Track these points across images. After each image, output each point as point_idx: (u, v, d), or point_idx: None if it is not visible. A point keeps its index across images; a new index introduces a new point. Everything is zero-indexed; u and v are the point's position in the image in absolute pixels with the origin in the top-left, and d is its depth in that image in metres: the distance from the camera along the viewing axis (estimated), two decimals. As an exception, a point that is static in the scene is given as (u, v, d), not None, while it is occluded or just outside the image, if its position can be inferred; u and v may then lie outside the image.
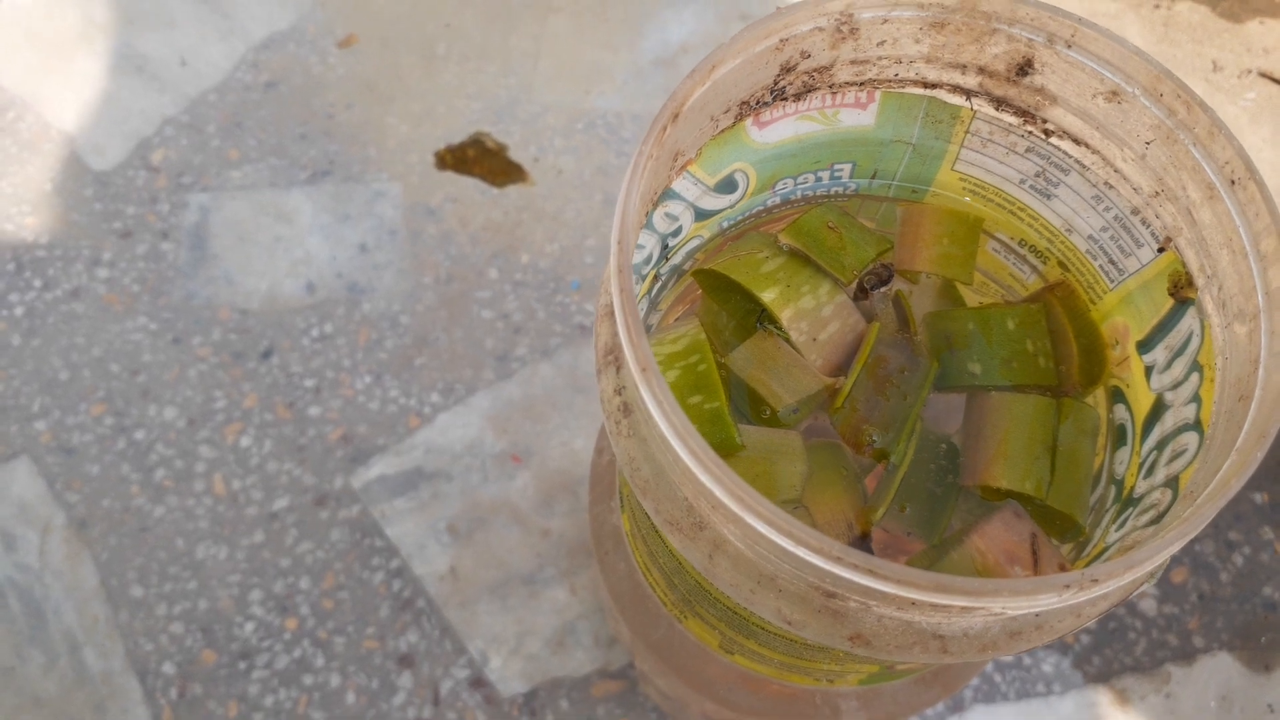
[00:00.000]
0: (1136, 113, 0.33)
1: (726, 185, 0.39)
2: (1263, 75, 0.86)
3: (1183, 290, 0.35)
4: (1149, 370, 0.37)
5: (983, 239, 0.42)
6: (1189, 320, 0.35)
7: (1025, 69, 0.34)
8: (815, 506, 0.38)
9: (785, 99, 0.35)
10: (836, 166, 0.40)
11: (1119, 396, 0.39)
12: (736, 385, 0.39)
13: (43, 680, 0.65)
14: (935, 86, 0.37)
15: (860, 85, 0.36)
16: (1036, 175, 0.39)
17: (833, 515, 0.38)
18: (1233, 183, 0.30)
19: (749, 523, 0.26)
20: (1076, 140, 0.36)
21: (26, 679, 0.65)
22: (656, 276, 0.40)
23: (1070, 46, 0.33)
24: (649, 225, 0.37)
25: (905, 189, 0.41)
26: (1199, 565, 0.71)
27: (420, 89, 0.83)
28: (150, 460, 0.71)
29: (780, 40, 0.32)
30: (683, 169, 0.36)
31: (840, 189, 0.42)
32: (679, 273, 0.42)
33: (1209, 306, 0.33)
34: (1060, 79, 0.34)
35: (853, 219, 0.41)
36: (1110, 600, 0.29)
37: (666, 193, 0.37)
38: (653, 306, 0.41)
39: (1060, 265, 0.40)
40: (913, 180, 0.41)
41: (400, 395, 0.73)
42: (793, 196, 0.42)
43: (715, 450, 0.37)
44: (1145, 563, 0.26)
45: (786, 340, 0.39)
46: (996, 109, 0.37)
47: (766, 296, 0.39)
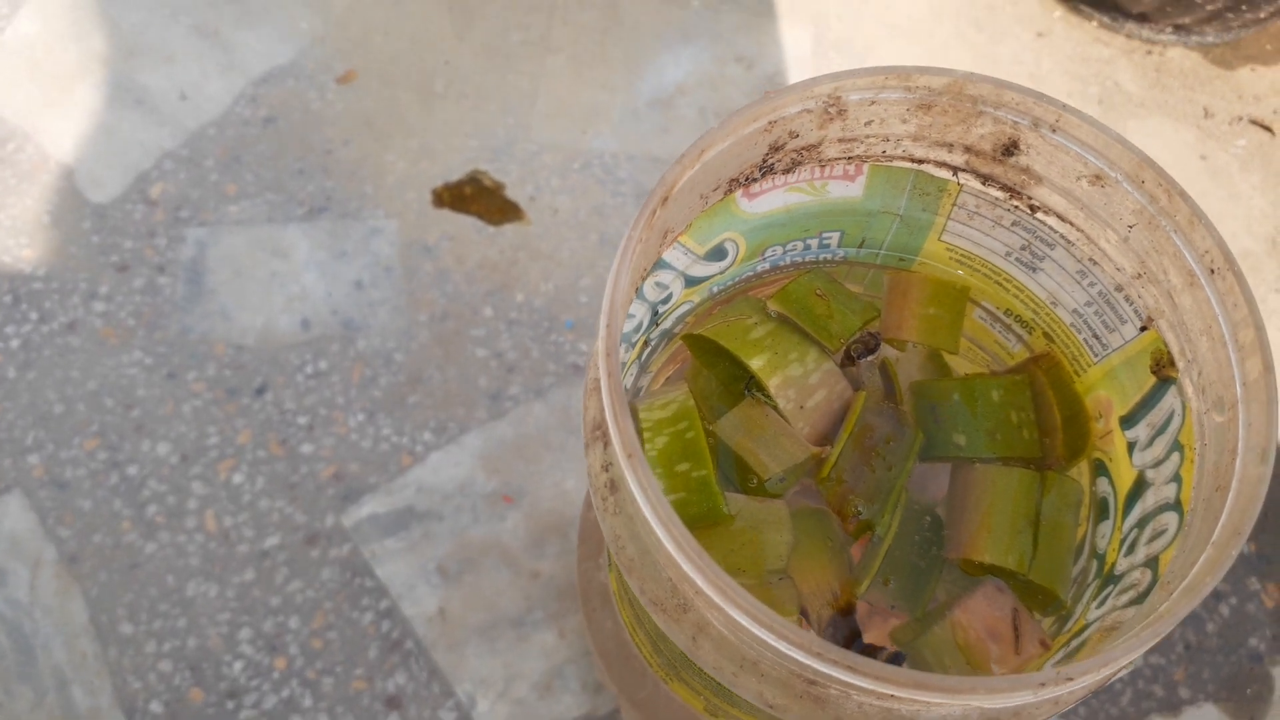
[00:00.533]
0: (1119, 197, 0.33)
1: (716, 254, 0.39)
2: (1253, 122, 0.86)
3: (1165, 369, 0.36)
4: (1131, 446, 0.37)
5: (969, 307, 0.42)
6: (1171, 399, 0.36)
7: (1011, 150, 0.34)
8: (800, 576, 0.38)
9: (774, 173, 0.36)
10: (825, 235, 0.41)
11: (1102, 469, 0.39)
12: (724, 452, 0.40)
13: (30, 716, 0.65)
14: (923, 162, 0.37)
15: (849, 160, 0.37)
16: (1022, 248, 0.39)
17: (818, 585, 0.38)
18: (1212, 272, 0.31)
19: (732, 615, 0.26)
20: (1061, 217, 0.37)
21: (14, 715, 0.65)
22: (646, 342, 0.40)
23: (1055, 131, 0.33)
24: (639, 295, 0.37)
25: (893, 257, 0.42)
26: (1186, 615, 0.71)
27: (418, 126, 0.84)
28: (142, 496, 0.71)
29: (769, 122, 0.32)
30: (674, 240, 0.37)
31: (829, 256, 0.42)
32: (669, 336, 0.42)
33: (1189, 390, 0.34)
34: (1045, 161, 0.34)
35: (841, 285, 0.42)
36: (1087, 690, 0.29)
37: (657, 263, 0.37)
38: (643, 370, 0.42)
39: (1046, 336, 0.41)
40: (900, 249, 0.41)
41: (393, 433, 0.73)
42: (782, 263, 0.42)
43: (703, 518, 0.38)
44: (1119, 660, 0.26)
45: (774, 407, 0.40)
46: (983, 184, 0.37)
47: (755, 363, 0.39)
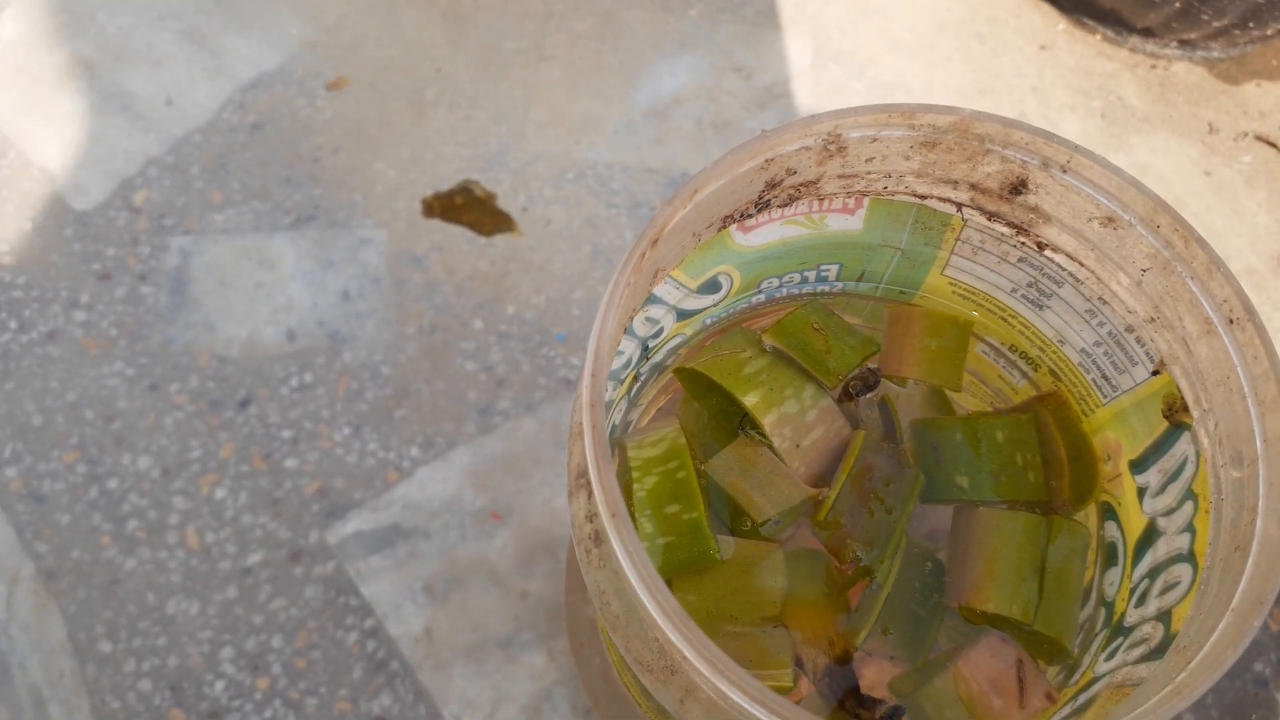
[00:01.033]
0: (1133, 240, 0.32)
1: (709, 287, 0.38)
2: (1259, 138, 0.85)
3: (1178, 415, 0.34)
4: (1142, 492, 0.36)
5: (973, 342, 0.41)
6: (1184, 445, 0.34)
7: (1019, 189, 0.33)
8: (796, 624, 0.37)
9: (770, 208, 0.34)
10: (823, 267, 0.39)
11: (1110, 513, 0.38)
12: (716, 493, 0.38)
13: (5, 739, 0.63)
14: (926, 197, 0.36)
15: (849, 194, 0.35)
16: (1029, 285, 0.38)
17: (814, 634, 0.36)
18: (1231, 321, 0.29)
19: (721, 688, 0.25)
20: (1071, 256, 0.35)
21: (-12, 738, 0.63)
22: (636, 377, 0.39)
23: (1066, 171, 0.32)
24: (629, 331, 0.36)
25: (893, 291, 0.40)
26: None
27: (409, 134, 0.82)
28: (123, 510, 0.69)
29: (765, 160, 0.31)
30: (664, 277, 0.35)
31: (827, 288, 0.41)
32: (660, 369, 0.41)
33: (1204, 439, 0.32)
34: (1055, 201, 0.33)
35: (839, 319, 0.40)
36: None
37: (648, 298, 0.36)
38: (633, 404, 0.40)
39: (1052, 374, 0.39)
40: (901, 283, 0.40)
41: (379, 448, 0.72)
42: (778, 295, 0.41)
43: (693, 562, 0.36)
44: (1133, 736, 0.25)
45: (769, 446, 0.38)
46: (989, 220, 0.36)
47: (749, 400, 0.38)
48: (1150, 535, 0.35)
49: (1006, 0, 0.91)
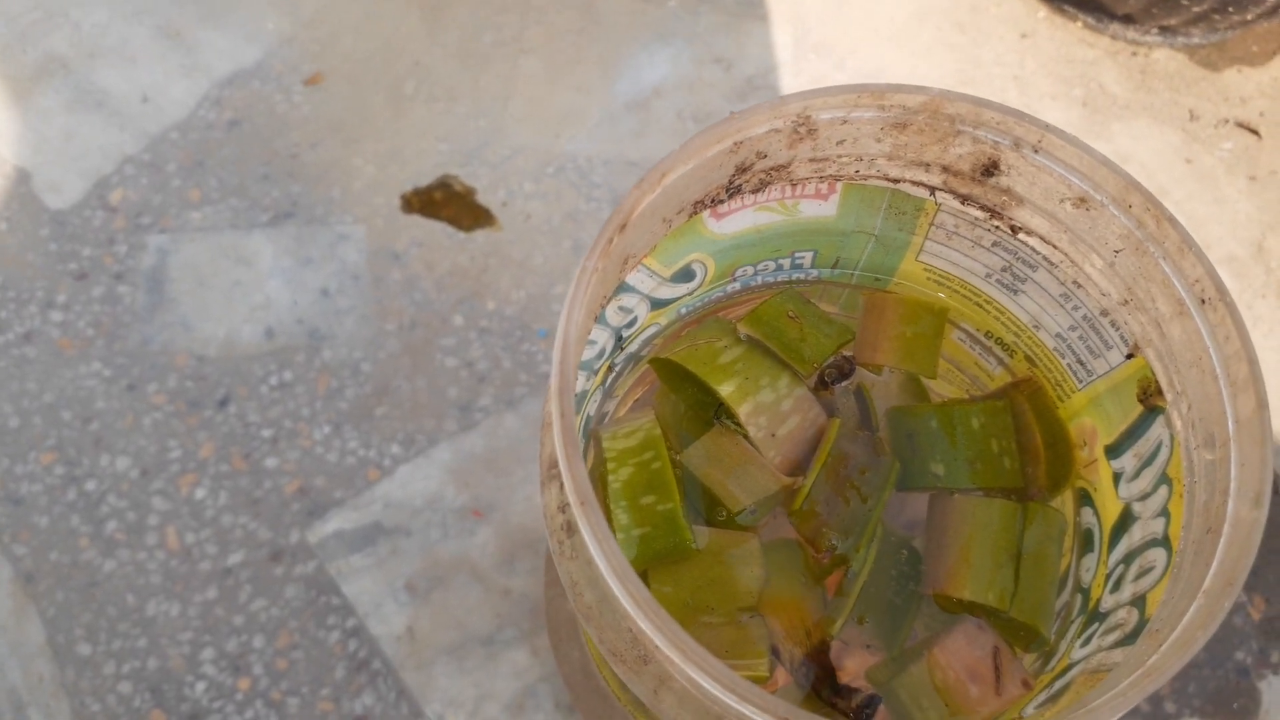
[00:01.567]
0: (1105, 221, 0.32)
1: (683, 275, 0.38)
2: (1240, 125, 0.85)
3: (1152, 398, 0.34)
4: (1117, 477, 0.36)
5: (948, 328, 0.40)
6: (1159, 429, 0.34)
7: (991, 170, 0.33)
8: (772, 613, 0.36)
9: (742, 193, 0.34)
10: (798, 254, 0.39)
11: (1086, 499, 0.37)
12: (692, 483, 0.38)
13: (-16, 743, 0.63)
14: (898, 181, 0.35)
15: (821, 179, 0.35)
16: (1003, 270, 0.37)
17: (790, 623, 0.36)
18: (1203, 302, 0.29)
19: (694, 678, 0.25)
20: (1044, 239, 0.35)
21: (-33, 742, 0.63)
22: (610, 367, 0.38)
23: (1037, 151, 0.31)
24: (601, 320, 0.35)
25: (868, 278, 0.40)
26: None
27: (388, 129, 0.81)
28: (101, 512, 0.69)
29: (735, 143, 0.30)
30: (637, 264, 0.35)
31: (802, 276, 0.40)
32: (636, 359, 0.40)
33: (1178, 422, 0.32)
34: (1027, 182, 0.33)
35: (814, 306, 0.40)
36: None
37: (620, 286, 0.35)
38: (608, 395, 0.40)
39: (1028, 360, 0.39)
40: (876, 269, 0.40)
41: (360, 446, 0.71)
42: (753, 283, 0.40)
43: (669, 553, 0.36)
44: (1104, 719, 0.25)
45: (744, 436, 0.38)
46: (962, 204, 0.36)
47: (724, 390, 0.38)
48: (1125, 520, 0.35)
49: (986, -10, 0.91)
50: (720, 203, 0.34)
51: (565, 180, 0.80)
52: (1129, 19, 0.84)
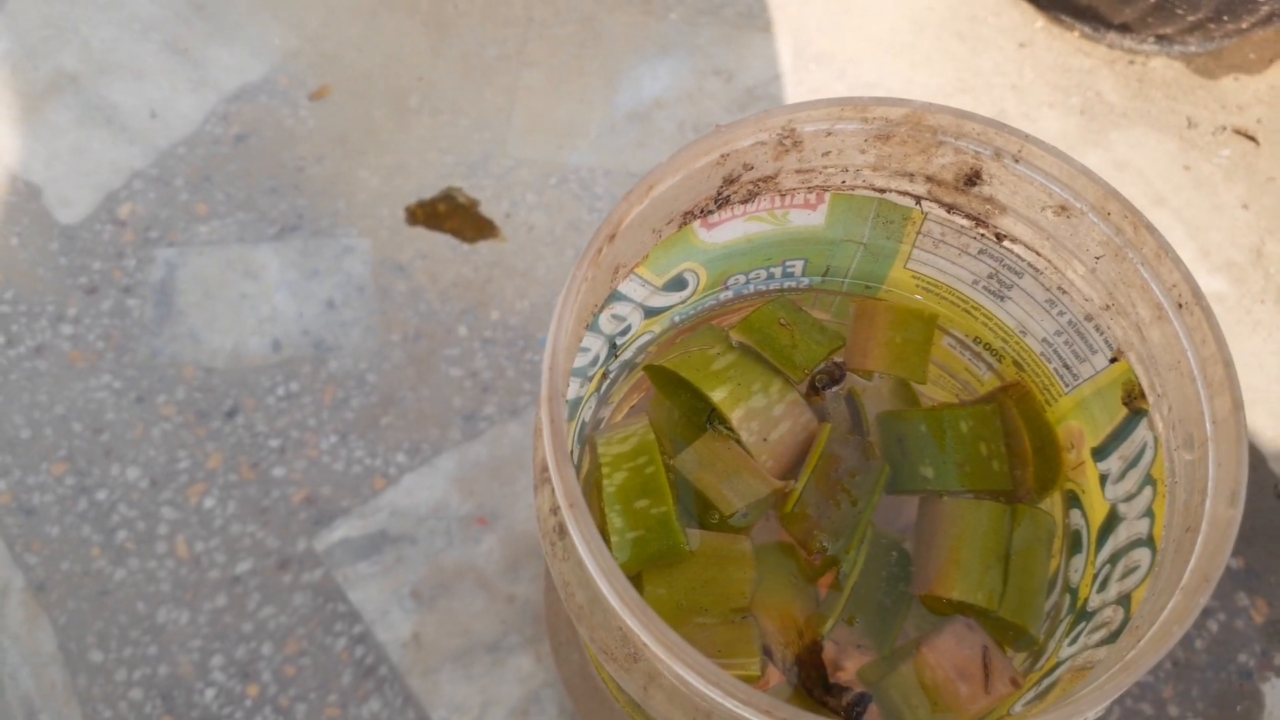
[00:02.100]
0: (1085, 228, 0.32)
1: (675, 284, 0.38)
2: (1237, 132, 0.85)
3: (1136, 401, 0.35)
4: (1104, 479, 0.36)
5: (938, 335, 0.41)
6: (1143, 432, 0.35)
7: (973, 180, 0.33)
8: (765, 614, 0.37)
9: (731, 204, 0.35)
10: (788, 263, 0.40)
11: (1075, 501, 0.38)
12: (685, 487, 0.38)
13: (-4, 750, 0.63)
14: (885, 191, 0.36)
15: (809, 189, 0.36)
16: (990, 277, 0.38)
17: (782, 623, 0.37)
18: (1180, 306, 0.30)
19: (680, 673, 0.25)
20: (1028, 247, 0.36)
21: (-20, 749, 0.63)
22: (605, 374, 0.39)
23: (1018, 161, 0.32)
24: (594, 328, 0.36)
25: (858, 285, 0.41)
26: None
27: (392, 142, 0.82)
28: (112, 521, 0.70)
29: (721, 155, 0.31)
30: (629, 273, 0.36)
31: (793, 284, 0.41)
32: (630, 366, 0.41)
33: (1159, 424, 0.33)
34: (1009, 191, 0.33)
35: (806, 314, 0.41)
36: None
37: (613, 295, 0.36)
38: (603, 402, 0.41)
39: (1016, 365, 0.40)
40: (865, 277, 0.40)
41: (366, 455, 0.72)
42: (745, 291, 0.41)
43: (663, 556, 0.37)
44: (1081, 714, 0.25)
45: (736, 440, 0.39)
46: (948, 212, 0.36)
47: (717, 396, 0.38)
48: (1111, 521, 0.36)
49: None
50: (710, 213, 0.35)
51: (568, 191, 0.81)
52: (1126, 28, 0.85)
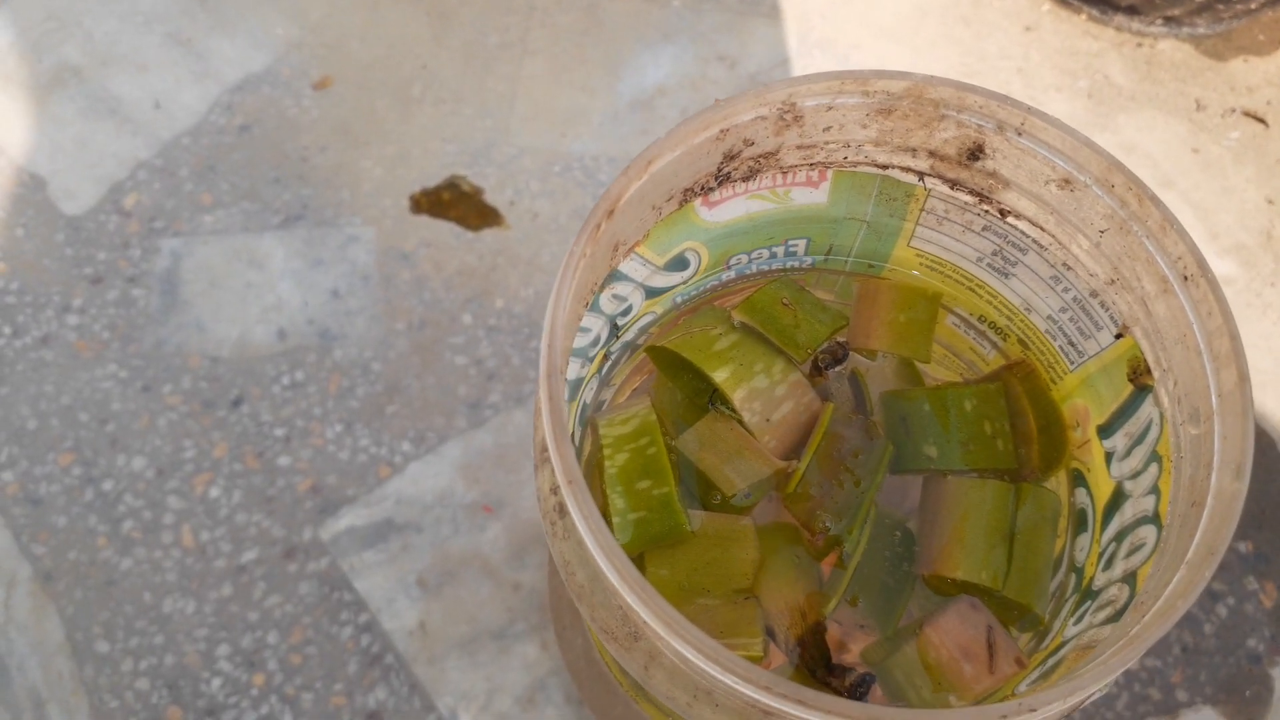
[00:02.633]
0: (1089, 201, 0.32)
1: (677, 264, 0.38)
2: (1246, 114, 0.85)
3: (1141, 377, 0.34)
4: (1109, 456, 0.36)
5: (942, 313, 0.41)
6: (1148, 408, 0.34)
7: (976, 154, 0.33)
8: (767, 595, 0.37)
9: (732, 181, 0.34)
10: (791, 242, 0.39)
11: (1080, 480, 0.38)
12: (687, 468, 0.38)
13: (4, 739, 0.64)
14: (887, 167, 0.36)
15: (811, 166, 0.35)
16: (994, 254, 0.38)
17: (785, 604, 0.37)
18: (1185, 279, 0.30)
19: (679, 650, 0.25)
20: (1032, 222, 0.35)
21: (-12, 738, 0.64)
22: (606, 355, 0.39)
23: (1021, 134, 0.32)
24: (595, 308, 0.36)
25: (861, 264, 0.41)
26: (1182, 617, 0.70)
27: (395, 131, 0.82)
28: (118, 511, 0.70)
29: (721, 130, 0.31)
30: (630, 251, 0.35)
31: (796, 264, 0.41)
32: (632, 347, 0.41)
33: (1165, 399, 0.32)
34: (1012, 165, 0.33)
35: (808, 294, 0.40)
36: (1058, 715, 0.28)
37: (613, 274, 0.36)
38: (604, 383, 0.40)
39: (1021, 343, 0.40)
40: (868, 256, 0.40)
41: (371, 444, 0.72)
42: (748, 271, 0.41)
43: (665, 537, 0.36)
44: (1087, 687, 0.25)
45: (739, 421, 0.38)
46: (951, 189, 0.36)
47: (719, 376, 0.38)
48: (1117, 499, 0.35)
49: (990, -16, 0.91)
50: (710, 190, 0.34)
51: (571, 179, 0.81)
52: (1133, 10, 0.84)
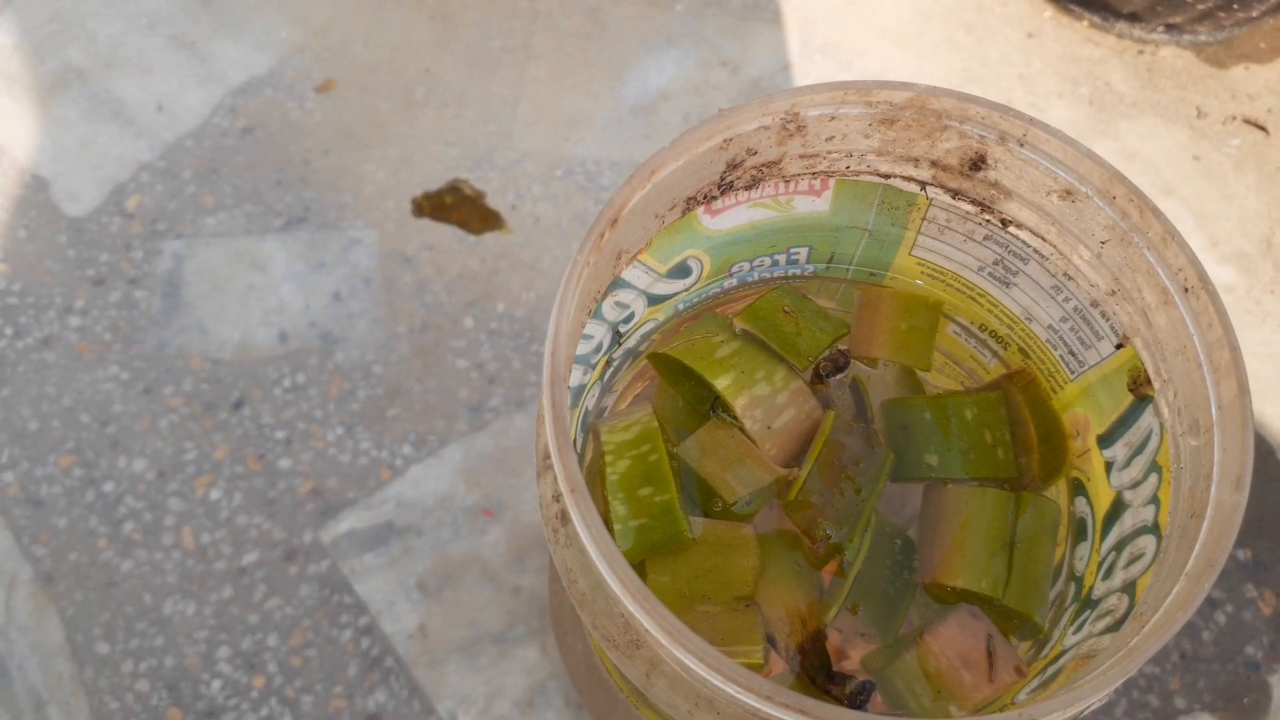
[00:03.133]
0: (1091, 212, 0.32)
1: (679, 271, 0.38)
2: (1247, 121, 0.85)
3: (1142, 387, 0.34)
4: (1109, 466, 0.36)
5: (943, 322, 0.41)
6: (1148, 419, 0.34)
7: (978, 164, 0.33)
8: (768, 602, 0.37)
9: (734, 190, 0.35)
10: (793, 250, 0.40)
11: (1080, 489, 0.38)
12: (688, 475, 0.38)
13: (4, 740, 0.64)
14: (889, 176, 0.36)
15: (813, 175, 0.35)
16: (995, 263, 0.38)
17: (785, 611, 0.37)
18: (1186, 290, 0.30)
19: (681, 658, 0.25)
20: (1034, 232, 0.35)
21: (-12, 739, 0.64)
22: (608, 362, 0.39)
23: (1023, 145, 0.32)
24: (597, 315, 0.36)
25: (863, 272, 0.41)
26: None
27: (398, 135, 0.82)
28: (119, 513, 0.70)
29: (724, 140, 0.31)
30: (633, 259, 0.35)
31: (798, 272, 0.41)
32: (634, 354, 0.41)
33: (1165, 410, 0.33)
34: (1014, 175, 0.33)
35: (810, 302, 0.40)
36: (1057, 726, 0.28)
37: (616, 282, 0.36)
38: (606, 390, 0.40)
39: (1021, 352, 0.40)
40: (870, 264, 0.40)
41: (372, 447, 0.72)
42: (750, 279, 0.41)
43: (666, 544, 0.37)
44: (1086, 698, 0.25)
45: (740, 429, 0.39)
46: (953, 198, 0.36)
47: (720, 383, 0.38)
48: (1117, 509, 0.35)
49: (992, -10, 0.92)
50: (713, 199, 0.34)
51: (573, 183, 0.81)
52: (1135, 17, 0.84)
